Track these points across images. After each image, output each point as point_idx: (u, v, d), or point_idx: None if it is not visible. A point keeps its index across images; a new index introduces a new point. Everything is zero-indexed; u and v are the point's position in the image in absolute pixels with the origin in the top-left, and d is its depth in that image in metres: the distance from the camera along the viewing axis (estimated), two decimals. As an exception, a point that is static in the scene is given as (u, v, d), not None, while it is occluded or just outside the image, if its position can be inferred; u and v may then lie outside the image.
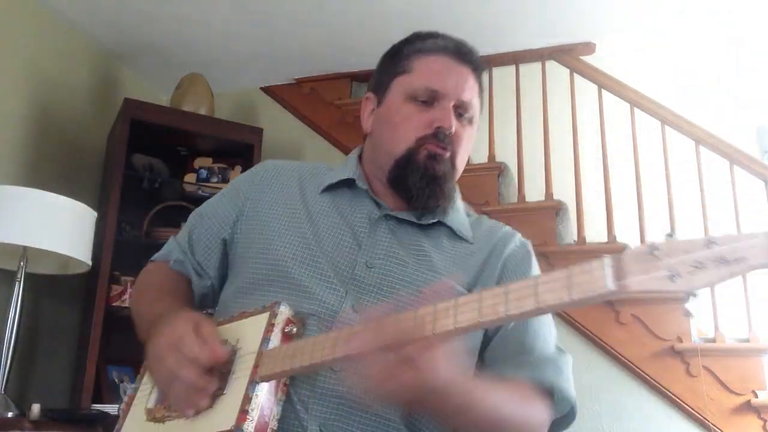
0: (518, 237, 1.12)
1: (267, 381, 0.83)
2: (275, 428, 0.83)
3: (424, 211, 1.05)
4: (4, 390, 2.34)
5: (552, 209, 2.95)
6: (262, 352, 0.84)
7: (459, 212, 1.11)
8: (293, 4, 3.07)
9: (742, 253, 0.57)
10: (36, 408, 2.27)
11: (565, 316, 2.72)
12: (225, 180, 3.29)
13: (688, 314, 2.52)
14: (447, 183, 1.04)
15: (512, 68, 3.28)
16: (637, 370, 2.62)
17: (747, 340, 2.61)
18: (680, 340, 2.60)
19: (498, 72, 3.12)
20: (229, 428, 0.79)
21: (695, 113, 2.95)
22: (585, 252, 2.77)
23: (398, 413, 0.90)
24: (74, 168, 3.16)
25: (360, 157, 1.14)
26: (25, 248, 2.41)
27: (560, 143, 3.10)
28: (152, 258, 1.15)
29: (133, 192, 3.09)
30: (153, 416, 0.91)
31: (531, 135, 3.07)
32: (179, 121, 3.16)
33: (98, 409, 2.54)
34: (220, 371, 0.85)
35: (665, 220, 2.80)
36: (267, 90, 3.84)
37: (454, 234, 1.07)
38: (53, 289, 2.91)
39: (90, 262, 2.57)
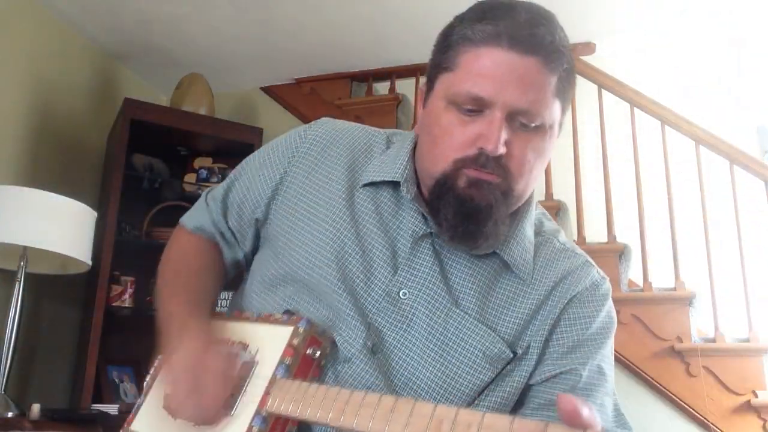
0: (593, 275, 0.91)
1: (274, 416, 0.77)
2: None
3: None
4: (4, 390, 2.34)
5: (552, 209, 2.95)
6: (275, 380, 0.78)
7: (522, 238, 0.89)
8: (293, 5, 3.07)
9: None
10: (36, 408, 2.27)
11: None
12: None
13: None
14: (492, 217, 0.81)
15: (512, 68, 3.28)
16: (637, 370, 2.62)
17: (747, 340, 2.61)
18: (680, 340, 2.60)
19: (498, 72, 3.12)
20: None
21: (696, 113, 2.95)
22: (585, 252, 2.77)
23: None
24: (74, 168, 3.16)
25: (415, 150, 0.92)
26: (25, 248, 2.41)
27: (560, 143, 3.07)
28: (181, 222, 1.05)
29: (133, 192, 3.09)
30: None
31: (531, 135, 3.07)
32: (179, 121, 3.16)
33: (98, 409, 2.54)
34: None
35: (665, 220, 2.80)
36: (267, 90, 3.84)
37: (509, 268, 0.88)
38: (53, 289, 2.91)
39: (90, 262, 2.57)
